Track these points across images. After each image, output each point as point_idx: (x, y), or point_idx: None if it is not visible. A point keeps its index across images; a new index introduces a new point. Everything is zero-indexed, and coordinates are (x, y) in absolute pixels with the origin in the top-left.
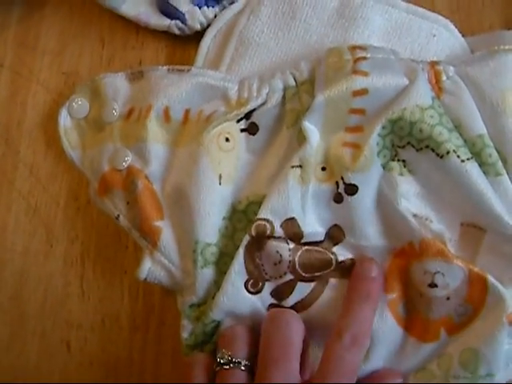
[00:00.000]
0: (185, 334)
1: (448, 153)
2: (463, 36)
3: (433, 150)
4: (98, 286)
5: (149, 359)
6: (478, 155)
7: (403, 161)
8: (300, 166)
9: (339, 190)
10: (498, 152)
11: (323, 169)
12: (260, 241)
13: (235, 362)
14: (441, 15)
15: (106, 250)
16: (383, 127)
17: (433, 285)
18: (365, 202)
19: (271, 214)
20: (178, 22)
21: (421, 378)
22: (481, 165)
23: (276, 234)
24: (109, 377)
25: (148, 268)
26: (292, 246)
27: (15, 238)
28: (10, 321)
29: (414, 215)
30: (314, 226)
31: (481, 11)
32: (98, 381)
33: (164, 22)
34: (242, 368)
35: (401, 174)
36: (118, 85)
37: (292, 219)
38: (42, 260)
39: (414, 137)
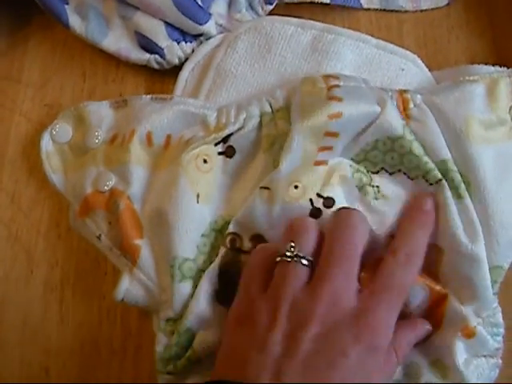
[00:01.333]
0: (159, 348)
1: (417, 177)
2: (430, 70)
3: (404, 174)
4: (77, 311)
5: (126, 382)
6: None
7: (377, 186)
8: (268, 188)
9: (316, 205)
10: (462, 176)
11: (296, 187)
12: (235, 251)
13: (299, 256)
14: (409, 50)
15: (86, 275)
16: (357, 155)
17: None
18: None
19: (240, 229)
20: (156, 56)
21: None
22: None
23: (245, 248)
24: None
25: (126, 287)
26: None
27: None
28: None
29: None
30: None
31: (447, 47)
32: None
33: (143, 57)
34: (304, 263)
35: (375, 199)
36: (102, 112)
37: (259, 236)
38: (22, 286)
39: (387, 163)
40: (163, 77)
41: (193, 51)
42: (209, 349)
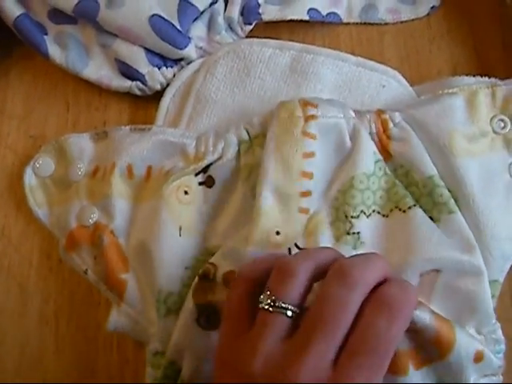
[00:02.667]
0: (149, 381)
1: (391, 210)
2: (411, 85)
3: (378, 213)
4: (73, 342)
5: None
6: (429, 196)
7: (358, 233)
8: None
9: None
10: (450, 191)
11: (278, 233)
12: (208, 281)
13: (282, 306)
14: (390, 64)
15: (79, 306)
16: (336, 198)
17: None
18: None
19: (218, 261)
20: (138, 83)
21: None
22: (433, 205)
23: (217, 279)
24: None
25: (115, 319)
26: None
27: None
28: None
29: None
30: None
31: (429, 59)
32: None
33: (125, 84)
34: (288, 314)
35: (354, 248)
36: (82, 145)
37: (233, 272)
38: (17, 319)
39: (365, 204)
40: (147, 102)
41: (174, 76)
42: (197, 374)
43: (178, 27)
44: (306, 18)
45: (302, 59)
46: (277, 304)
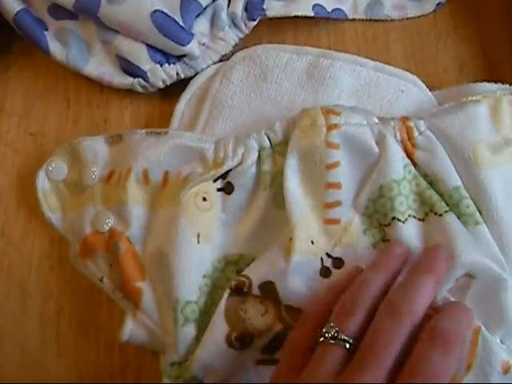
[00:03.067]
0: None
1: (427, 214)
2: (430, 90)
3: (414, 217)
4: (74, 344)
5: None
6: (456, 206)
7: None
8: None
9: (325, 264)
10: (474, 203)
11: (312, 243)
12: (241, 295)
13: (341, 338)
14: (395, 61)
15: (81, 307)
16: (366, 207)
17: None
18: None
19: (251, 273)
20: (140, 80)
21: None
22: (460, 216)
23: (253, 292)
24: None
25: (130, 329)
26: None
27: None
28: None
29: None
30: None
31: (435, 56)
32: None
33: (126, 81)
34: (346, 346)
35: None
36: (96, 148)
37: (271, 282)
38: (17, 320)
39: (398, 210)
40: (148, 99)
41: (177, 73)
42: None
43: (181, 23)
44: (311, 14)
45: (319, 64)
46: (339, 336)
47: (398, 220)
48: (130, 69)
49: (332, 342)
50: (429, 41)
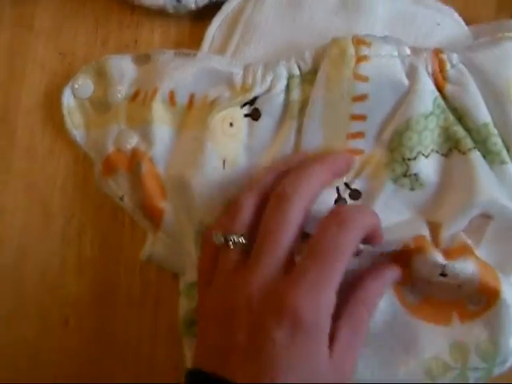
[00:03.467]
0: (182, 312)
1: (450, 150)
2: (467, 25)
3: (437, 152)
4: (95, 263)
5: (145, 335)
6: (483, 143)
7: (415, 174)
8: None
9: (342, 195)
10: (503, 140)
11: None
12: None
13: (232, 239)
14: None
15: (103, 227)
16: (391, 140)
17: (444, 274)
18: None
19: None
20: (172, 0)
21: (435, 368)
22: (486, 153)
23: None
24: (106, 353)
25: (151, 248)
26: None
27: (13, 217)
28: (9, 298)
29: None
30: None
31: None
32: (96, 356)
33: (158, 2)
34: (239, 243)
35: (412, 189)
36: (123, 67)
37: None
38: (40, 238)
39: (423, 145)
40: (179, 22)
41: None
42: None
43: None
44: None
45: None
46: (227, 238)
47: (422, 154)
48: None
49: (223, 244)
50: None
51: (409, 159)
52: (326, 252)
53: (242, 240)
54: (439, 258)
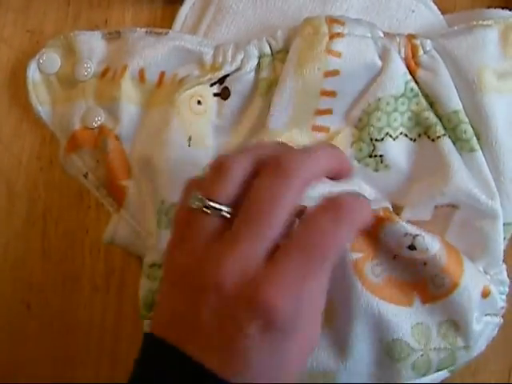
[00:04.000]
0: (143, 292)
1: (419, 135)
2: (442, 13)
3: (406, 136)
4: (59, 246)
5: (109, 320)
6: (452, 131)
7: (381, 156)
8: None
9: None
10: (473, 128)
11: None
12: None
13: (212, 207)
14: None
15: (68, 209)
16: (359, 119)
17: (412, 247)
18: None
19: None
20: None
21: (398, 350)
22: (456, 140)
23: None
24: (69, 337)
25: (114, 228)
26: None
27: None
28: None
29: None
30: None
31: None
32: (58, 341)
33: None
34: (223, 214)
35: (376, 170)
36: (93, 43)
37: None
38: (3, 219)
39: (391, 126)
40: (151, 3)
41: None
42: None
43: None
44: None
45: None
46: (207, 204)
47: (390, 136)
48: None
49: (204, 210)
50: None
51: (376, 140)
52: (318, 247)
53: (224, 209)
54: (410, 228)
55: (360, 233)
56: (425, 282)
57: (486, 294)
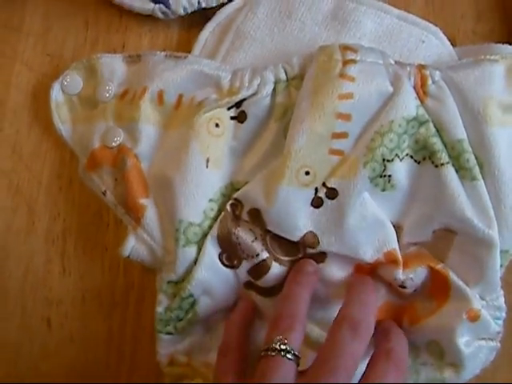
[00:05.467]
0: (160, 309)
1: (424, 159)
2: (452, 45)
3: (411, 157)
4: (78, 263)
5: (128, 335)
6: (456, 159)
7: (389, 176)
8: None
9: (319, 195)
10: (476, 158)
11: (307, 173)
12: (234, 219)
13: (286, 350)
14: (414, 5)
15: (88, 227)
16: (372, 139)
17: (403, 287)
18: (344, 208)
19: (243, 198)
20: (161, 6)
21: None
22: (458, 169)
23: (243, 217)
24: (88, 352)
25: (131, 245)
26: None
27: None
28: None
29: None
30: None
31: (453, 2)
32: (78, 356)
33: (148, 6)
34: (290, 357)
35: (383, 190)
36: (114, 66)
37: (257, 210)
38: (23, 237)
39: (400, 148)
40: (167, 27)
41: (198, 2)
42: (211, 311)
43: None
44: None
45: (344, 6)
46: (288, 349)
47: (398, 157)
48: None
49: (273, 354)
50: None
51: (387, 160)
52: (341, 365)
53: (297, 354)
54: (399, 275)
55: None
56: (414, 305)
57: (474, 318)
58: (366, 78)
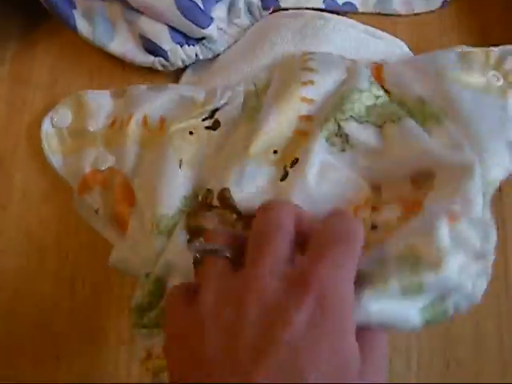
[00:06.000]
0: (134, 301)
1: (384, 122)
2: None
3: (371, 123)
4: (86, 304)
5: (134, 373)
6: (420, 112)
7: (346, 135)
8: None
9: (286, 169)
10: (440, 109)
11: (275, 152)
12: (205, 206)
13: (216, 249)
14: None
15: (95, 270)
16: (328, 112)
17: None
18: (305, 171)
19: (213, 185)
20: (161, 59)
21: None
22: (423, 120)
23: (214, 203)
24: None
25: (117, 254)
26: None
27: (8, 260)
28: (5, 336)
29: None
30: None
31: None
32: None
33: (148, 59)
34: (224, 254)
35: (343, 150)
36: (101, 100)
37: (226, 189)
38: (33, 280)
39: (354, 112)
40: (167, 78)
41: (196, 55)
42: None
43: (202, 7)
44: (322, 6)
45: (312, 24)
46: (210, 248)
47: (353, 118)
48: (151, 48)
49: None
50: (434, 36)
51: (340, 119)
52: (344, 238)
53: (227, 252)
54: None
55: None
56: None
57: (453, 219)
58: (324, 68)
